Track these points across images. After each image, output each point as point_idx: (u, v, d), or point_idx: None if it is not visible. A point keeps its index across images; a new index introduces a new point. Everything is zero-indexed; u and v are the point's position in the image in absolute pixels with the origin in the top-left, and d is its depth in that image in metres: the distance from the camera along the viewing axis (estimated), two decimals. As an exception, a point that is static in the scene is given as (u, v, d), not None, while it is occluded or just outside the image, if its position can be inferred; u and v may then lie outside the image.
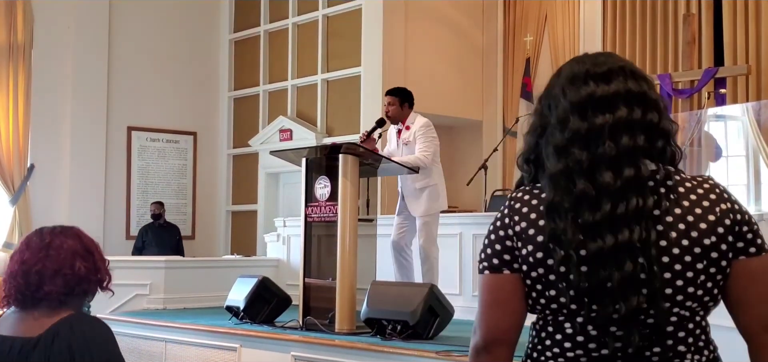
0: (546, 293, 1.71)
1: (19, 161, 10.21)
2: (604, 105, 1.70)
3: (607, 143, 1.67)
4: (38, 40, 10.40)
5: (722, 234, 1.68)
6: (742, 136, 8.00)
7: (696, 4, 9.02)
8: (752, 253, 1.71)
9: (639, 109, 1.71)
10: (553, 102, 1.77)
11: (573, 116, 1.71)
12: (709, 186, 1.73)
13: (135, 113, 11.10)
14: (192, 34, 11.60)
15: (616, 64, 1.76)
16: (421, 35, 10.14)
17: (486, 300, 1.76)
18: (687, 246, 1.66)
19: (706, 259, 1.67)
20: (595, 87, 1.72)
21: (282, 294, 6.84)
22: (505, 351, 1.75)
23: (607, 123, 1.68)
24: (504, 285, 1.74)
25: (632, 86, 1.73)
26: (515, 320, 1.75)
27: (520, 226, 1.73)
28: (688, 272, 1.66)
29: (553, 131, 1.73)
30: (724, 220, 1.69)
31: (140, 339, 7.25)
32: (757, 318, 1.72)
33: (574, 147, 1.69)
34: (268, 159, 10.27)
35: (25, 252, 2.39)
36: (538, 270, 1.70)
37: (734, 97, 8.56)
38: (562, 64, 1.85)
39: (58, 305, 2.36)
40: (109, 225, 10.76)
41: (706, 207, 1.69)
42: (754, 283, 1.72)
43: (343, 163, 6.07)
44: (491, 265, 1.75)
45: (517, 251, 1.73)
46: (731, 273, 1.71)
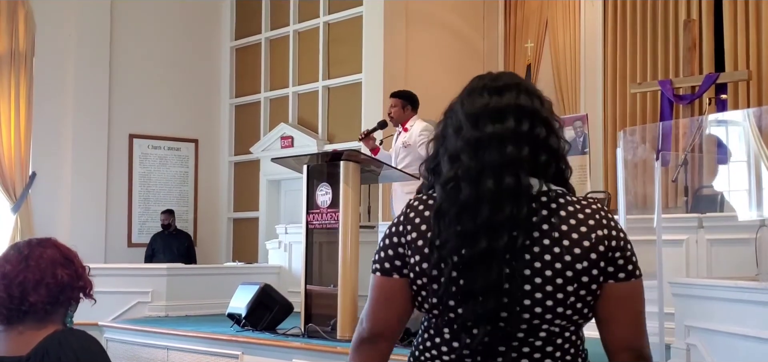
0: (428, 299, 1.81)
1: (21, 169, 10.21)
2: (495, 116, 1.79)
3: (495, 152, 1.76)
4: (40, 48, 10.41)
5: (595, 260, 1.76)
6: (743, 142, 7.98)
7: (697, 9, 9.02)
8: (621, 278, 1.79)
9: (527, 122, 1.80)
10: (452, 113, 1.88)
11: (467, 125, 1.81)
12: (591, 211, 1.80)
13: (136, 120, 11.11)
14: (193, 41, 11.61)
15: (513, 81, 1.86)
16: (422, 42, 10.15)
17: (375, 298, 1.90)
18: (560, 268, 1.73)
19: (576, 282, 1.75)
20: (489, 99, 1.82)
21: (284, 301, 6.84)
22: (386, 344, 1.92)
23: (496, 133, 1.77)
24: (392, 287, 1.87)
25: (524, 101, 1.82)
26: (399, 318, 1.89)
27: (411, 236, 1.83)
28: (558, 293, 1.74)
29: (450, 139, 1.84)
30: (598, 247, 1.76)
31: (142, 347, 7.26)
32: (618, 338, 1.82)
33: (464, 155, 1.78)
34: (269, 166, 10.26)
35: (4, 265, 2.33)
36: (422, 279, 1.81)
37: (735, 103, 8.55)
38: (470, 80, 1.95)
39: (43, 316, 2.31)
40: (110, 233, 10.75)
41: (583, 232, 1.76)
42: (618, 306, 1.80)
43: (345, 169, 6.07)
44: (383, 268, 1.88)
45: (407, 258, 1.84)
46: (601, 294, 1.79)
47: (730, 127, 8.14)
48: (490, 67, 10.84)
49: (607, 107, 9.76)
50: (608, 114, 9.74)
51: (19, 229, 10.04)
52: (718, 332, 4.63)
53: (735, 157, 8.00)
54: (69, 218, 10.35)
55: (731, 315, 4.48)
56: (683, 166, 7.29)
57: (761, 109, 7.96)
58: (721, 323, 4.59)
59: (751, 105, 8.39)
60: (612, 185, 8.80)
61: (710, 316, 4.73)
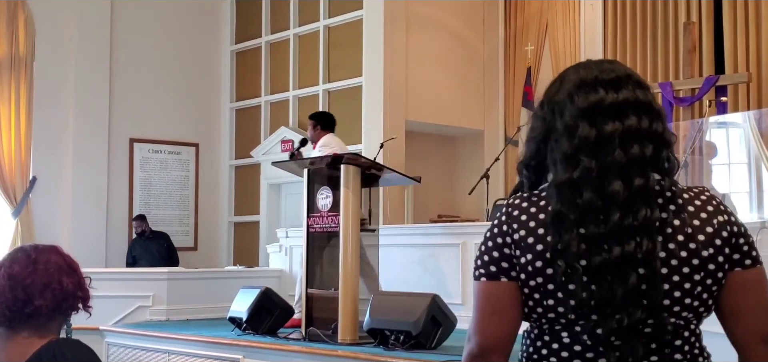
0: (544, 302, 1.69)
1: (21, 173, 10.22)
2: (614, 112, 1.68)
3: (618, 151, 1.65)
4: (40, 52, 10.42)
5: (719, 246, 1.68)
6: (743, 144, 8.00)
7: (696, 12, 9.02)
8: (747, 265, 1.71)
9: (647, 118, 1.70)
10: (558, 107, 1.74)
11: (582, 123, 1.68)
12: (706, 198, 1.72)
13: (137, 125, 11.11)
14: (193, 45, 11.61)
15: (624, 72, 1.75)
16: (422, 45, 10.15)
17: (483, 308, 1.73)
18: (685, 257, 1.66)
19: (703, 271, 1.67)
20: (604, 94, 1.70)
21: (284, 305, 6.85)
22: (500, 359, 1.73)
23: (617, 131, 1.66)
24: (502, 293, 1.71)
25: (640, 95, 1.72)
26: (512, 328, 1.72)
27: (519, 234, 1.70)
28: (685, 283, 1.66)
29: (560, 138, 1.71)
30: (721, 232, 1.68)
31: (143, 351, 7.26)
32: (750, 328, 1.73)
33: (583, 155, 1.66)
34: (270, 169, 10.27)
35: (12, 266, 2.30)
36: (537, 280, 1.68)
37: (735, 105, 8.55)
38: (564, 70, 1.83)
39: (46, 322, 2.28)
40: (111, 237, 10.75)
41: (703, 219, 1.69)
42: (747, 294, 1.72)
43: (345, 173, 6.08)
44: (488, 273, 1.72)
45: (516, 259, 1.70)
46: (726, 284, 1.71)
47: (730, 129, 8.16)
48: (490, 70, 10.85)
49: (608, 110, 9.75)
50: (608, 116, 9.73)
51: (19, 234, 10.04)
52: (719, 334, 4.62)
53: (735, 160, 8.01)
54: (69, 222, 10.35)
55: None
56: (684, 169, 7.30)
57: (761, 111, 7.96)
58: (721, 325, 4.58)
59: (751, 107, 8.39)
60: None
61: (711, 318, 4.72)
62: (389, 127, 9.50)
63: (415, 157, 9.86)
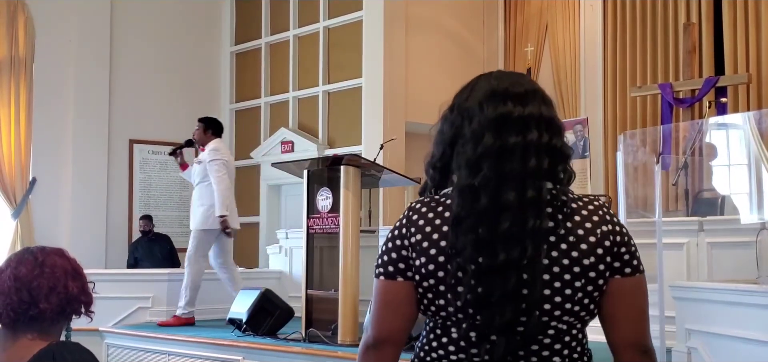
0: (436, 301, 1.80)
1: (21, 175, 10.21)
2: (518, 126, 1.78)
3: (517, 163, 1.74)
4: (40, 54, 10.41)
5: (601, 255, 1.77)
6: (743, 145, 7.99)
7: (696, 13, 9.03)
8: (627, 273, 1.80)
9: (547, 133, 1.79)
10: (467, 114, 1.84)
11: (488, 132, 1.78)
12: (594, 208, 1.81)
13: (137, 126, 11.11)
14: (193, 46, 11.61)
15: (532, 87, 1.86)
16: (422, 46, 10.15)
17: (379, 303, 1.87)
18: (568, 264, 1.74)
19: (584, 278, 1.75)
20: (513, 107, 1.80)
21: (284, 306, 6.84)
22: (393, 350, 1.88)
23: (519, 144, 1.76)
24: (397, 291, 1.84)
25: (544, 111, 1.82)
26: (404, 323, 1.87)
27: (416, 238, 1.81)
28: (566, 289, 1.75)
29: (466, 143, 1.81)
30: (604, 241, 1.77)
31: (143, 352, 7.26)
32: (623, 334, 1.82)
33: (484, 163, 1.76)
34: (269, 171, 10.27)
35: (18, 268, 2.31)
36: (430, 281, 1.79)
37: (735, 106, 8.56)
38: (476, 77, 1.93)
39: (49, 325, 2.29)
40: (110, 239, 10.75)
41: (588, 228, 1.77)
42: (623, 301, 1.81)
43: (345, 174, 6.07)
44: (386, 272, 1.85)
45: (412, 261, 1.82)
46: (606, 290, 1.79)
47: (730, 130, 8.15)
48: (490, 70, 10.84)
49: (607, 111, 9.77)
50: (608, 117, 9.75)
51: (19, 235, 10.04)
52: (719, 335, 4.63)
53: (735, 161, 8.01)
54: (69, 224, 10.34)
55: (732, 319, 4.48)
56: (683, 170, 7.30)
57: (761, 111, 7.96)
58: (721, 326, 4.59)
59: (750, 108, 8.40)
60: (612, 188, 8.81)
61: (711, 320, 4.73)
62: (389, 128, 9.50)
63: (414, 158, 9.85)
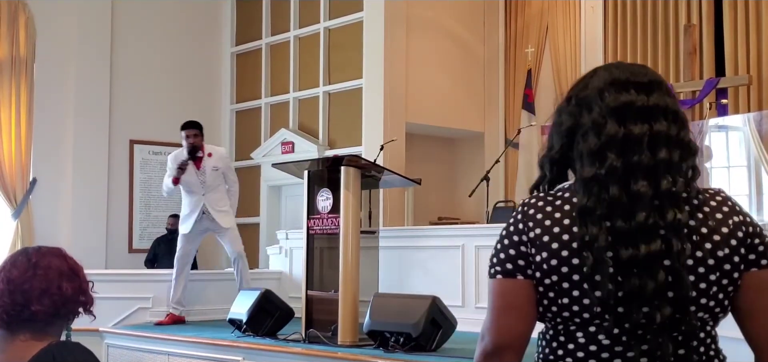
0: (558, 301, 1.70)
1: (22, 175, 10.22)
2: (643, 115, 1.70)
3: (645, 153, 1.66)
4: (40, 54, 10.42)
5: (735, 246, 1.68)
6: (743, 147, 8.00)
7: (697, 14, 9.03)
8: (763, 265, 1.71)
9: (675, 125, 1.72)
10: (586, 103, 1.75)
11: (610, 120, 1.69)
12: (721, 199, 1.74)
13: (137, 126, 11.11)
14: (194, 46, 11.61)
15: (656, 77, 1.77)
16: (423, 47, 10.15)
17: (498, 305, 1.73)
18: (701, 257, 1.66)
19: (718, 271, 1.67)
20: (635, 95, 1.71)
21: (285, 307, 6.84)
22: (515, 356, 1.72)
23: (646, 133, 1.68)
24: (517, 290, 1.72)
25: (670, 102, 1.74)
26: (526, 326, 1.72)
27: (535, 233, 1.71)
28: (701, 283, 1.67)
29: (587, 133, 1.71)
30: (736, 232, 1.69)
31: (143, 353, 7.25)
32: (766, 329, 1.73)
33: (609, 152, 1.67)
34: (270, 171, 10.27)
35: (11, 270, 2.28)
36: (552, 278, 1.69)
37: (735, 108, 8.56)
38: (595, 68, 1.84)
39: (43, 327, 2.26)
40: (111, 239, 10.75)
41: (719, 219, 1.69)
42: (763, 294, 1.72)
43: (345, 175, 6.07)
44: (504, 270, 1.73)
45: (531, 257, 1.71)
46: (742, 284, 1.71)
47: (730, 131, 8.16)
48: (490, 72, 10.85)
49: (608, 112, 9.76)
50: (609, 119, 9.74)
51: (19, 235, 10.05)
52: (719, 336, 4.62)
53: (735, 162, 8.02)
54: (70, 224, 10.35)
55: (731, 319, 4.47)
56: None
57: (761, 113, 7.97)
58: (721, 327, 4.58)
59: (751, 109, 8.40)
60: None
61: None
62: (389, 128, 9.50)
63: (415, 159, 9.86)
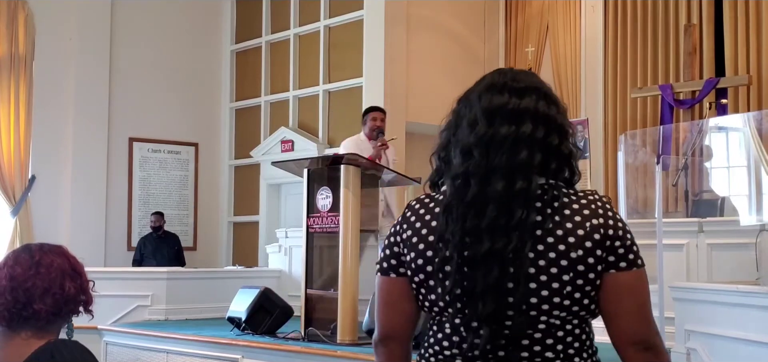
0: (428, 296, 1.84)
1: (20, 172, 10.21)
2: (512, 117, 1.79)
3: (506, 153, 1.76)
4: (40, 51, 10.41)
5: (590, 248, 1.74)
6: (743, 147, 7.99)
7: (697, 14, 9.03)
8: (622, 267, 1.77)
9: (542, 128, 1.79)
10: (468, 104, 1.86)
11: (482, 121, 1.80)
12: (587, 201, 1.79)
13: (136, 124, 11.10)
14: (194, 44, 11.61)
15: (533, 84, 1.86)
16: (423, 46, 10.15)
17: (380, 300, 1.93)
18: (554, 258, 1.73)
19: (572, 271, 1.73)
20: (508, 98, 1.81)
21: (284, 305, 6.84)
22: (398, 346, 1.94)
23: (511, 135, 1.77)
24: (392, 287, 1.90)
25: (541, 107, 1.81)
26: (404, 319, 1.91)
27: (407, 234, 1.86)
28: (553, 283, 1.73)
29: (462, 131, 1.83)
30: (593, 235, 1.75)
31: (142, 351, 7.25)
32: (623, 331, 1.79)
33: (477, 150, 1.77)
34: (269, 170, 10.27)
35: (14, 268, 2.28)
36: (419, 276, 1.83)
37: (735, 108, 8.56)
38: (490, 72, 1.94)
39: (44, 325, 2.26)
40: (110, 237, 10.75)
41: (577, 221, 1.75)
42: (620, 297, 1.77)
43: (345, 173, 6.07)
44: (382, 269, 1.91)
45: (403, 257, 1.87)
46: (601, 285, 1.77)
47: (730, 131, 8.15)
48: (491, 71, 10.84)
49: (608, 111, 9.77)
50: (609, 118, 9.75)
51: (18, 233, 10.04)
52: (719, 336, 4.63)
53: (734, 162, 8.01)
54: (69, 222, 10.34)
55: (732, 320, 4.48)
56: (683, 170, 7.30)
57: (761, 113, 7.96)
58: (721, 327, 4.59)
59: (751, 109, 8.39)
60: (613, 189, 8.80)
61: (711, 321, 4.73)
62: (389, 128, 9.45)
63: (415, 158, 9.85)
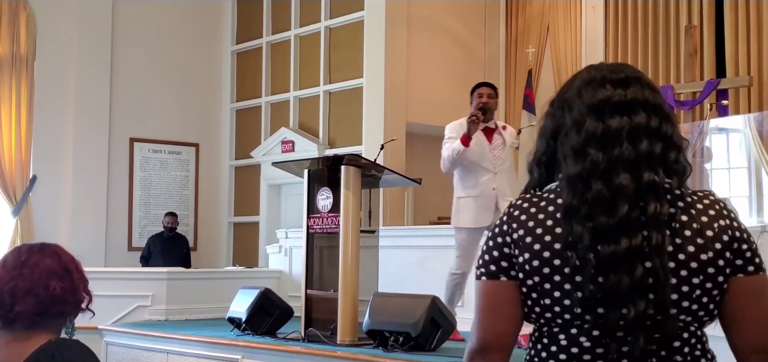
0: (540, 302, 1.71)
1: (21, 172, 10.22)
2: (621, 109, 1.70)
3: (625, 145, 1.66)
4: (41, 52, 10.42)
5: (720, 250, 1.66)
6: (743, 148, 7.99)
7: (698, 15, 9.03)
8: (750, 272, 1.69)
9: (656, 118, 1.71)
10: (567, 104, 1.77)
11: (589, 117, 1.70)
12: (709, 202, 1.72)
13: (137, 124, 11.11)
14: (194, 45, 11.61)
15: (634, 73, 1.77)
16: (423, 47, 10.15)
17: (483, 306, 1.76)
18: (684, 259, 1.65)
19: (702, 274, 1.66)
20: (612, 91, 1.72)
21: (284, 306, 6.84)
22: (500, 357, 1.75)
23: (624, 126, 1.68)
24: (501, 291, 1.74)
25: (649, 95, 1.73)
26: (510, 326, 1.75)
27: (518, 234, 1.72)
28: (683, 286, 1.65)
29: (569, 132, 1.73)
30: (722, 236, 1.67)
31: (142, 351, 7.25)
32: (750, 338, 1.71)
33: (591, 148, 1.68)
34: (270, 170, 10.27)
35: (2, 268, 2.27)
36: (534, 278, 1.70)
37: (736, 109, 8.56)
38: (578, 71, 1.85)
39: (30, 325, 2.24)
40: (110, 237, 10.75)
41: (705, 222, 1.68)
42: (749, 302, 1.70)
43: (345, 174, 6.07)
44: (488, 272, 1.76)
45: (514, 259, 1.72)
46: (728, 289, 1.69)
47: (730, 132, 8.15)
48: (491, 72, 10.84)
49: (608, 112, 9.76)
50: (609, 119, 9.74)
51: (19, 233, 10.04)
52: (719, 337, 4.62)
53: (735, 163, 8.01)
54: (69, 222, 10.35)
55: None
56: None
57: (762, 114, 7.96)
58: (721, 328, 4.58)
59: (752, 110, 8.39)
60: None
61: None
62: (390, 128, 9.50)
63: (415, 159, 9.85)
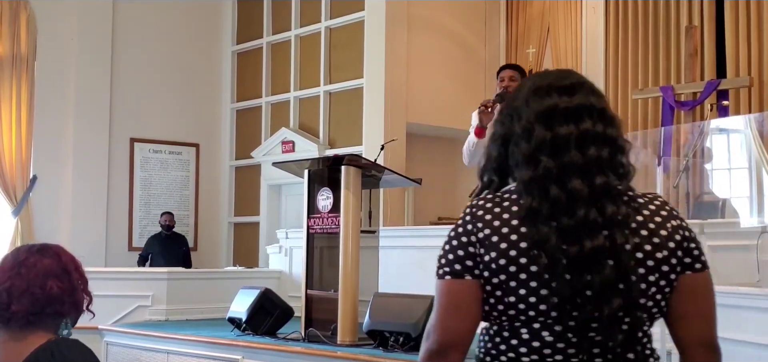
0: (504, 300, 1.73)
1: (22, 172, 10.22)
2: (568, 116, 1.75)
3: (574, 152, 1.72)
4: (41, 52, 10.42)
5: (673, 249, 1.74)
6: (744, 148, 7.98)
7: (698, 16, 9.02)
8: (697, 269, 1.78)
9: (601, 123, 1.77)
10: (515, 113, 1.81)
11: (538, 125, 1.76)
12: (659, 203, 1.79)
13: (137, 124, 11.11)
14: (195, 45, 11.62)
15: (578, 80, 1.82)
16: (424, 47, 10.15)
17: (444, 305, 1.76)
18: (641, 258, 1.72)
19: (657, 272, 1.73)
20: (558, 99, 1.77)
21: (284, 306, 6.83)
22: (459, 356, 1.76)
23: (572, 133, 1.73)
24: (464, 290, 1.75)
25: (594, 101, 1.79)
26: (471, 324, 1.76)
27: (484, 233, 1.74)
28: (641, 283, 1.72)
29: (519, 141, 1.78)
30: (674, 236, 1.75)
31: (142, 351, 7.25)
32: (695, 332, 1.80)
33: (542, 155, 1.73)
34: (270, 170, 10.27)
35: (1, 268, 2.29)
36: (500, 277, 1.72)
37: (737, 109, 8.55)
38: (525, 79, 1.92)
39: (25, 325, 2.24)
40: (111, 237, 10.76)
41: (658, 222, 1.75)
42: (695, 298, 1.78)
43: (346, 174, 6.07)
44: (453, 271, 1.76)
45: (479, 258, 1.74)
46: (677, 286, 1.77)
47: (731, 133, 8.14)
48: (491, 73, 10.81)
49: (609, 113, 9.76)
50: (609, 120, 9.74)
51: (19, 233, 10.05)
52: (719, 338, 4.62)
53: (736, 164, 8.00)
54: (70, 222, 10.35)
55: (732, 322, 4.47)
56: (684, 172, 7.29)
57: (763, 114, 7.95)
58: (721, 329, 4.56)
59: (752, 111, 8.39)
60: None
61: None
62: (390, 128, 9.50)
63: (415, 159, 9.86)
